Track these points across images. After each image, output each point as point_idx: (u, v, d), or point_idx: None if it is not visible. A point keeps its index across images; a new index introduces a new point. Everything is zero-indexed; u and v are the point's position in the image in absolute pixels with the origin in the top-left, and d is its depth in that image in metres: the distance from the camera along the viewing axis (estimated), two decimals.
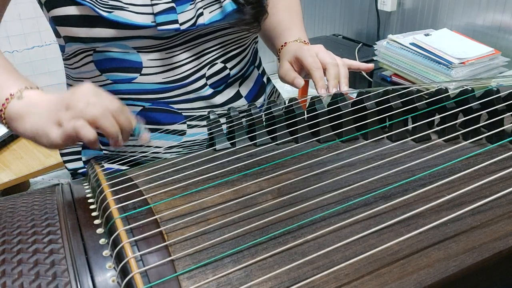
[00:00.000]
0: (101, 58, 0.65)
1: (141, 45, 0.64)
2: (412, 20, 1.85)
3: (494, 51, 1.40)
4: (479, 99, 0.55)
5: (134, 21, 0.60)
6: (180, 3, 0.62)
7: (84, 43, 0.62)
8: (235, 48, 0.72)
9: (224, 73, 0.71)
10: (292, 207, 0.42)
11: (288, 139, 0.56)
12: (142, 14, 0.60)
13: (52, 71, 2.23)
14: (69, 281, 0.36)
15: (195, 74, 0.68)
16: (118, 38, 0.62)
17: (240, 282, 0.36)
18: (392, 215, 0.42)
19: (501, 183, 0.46)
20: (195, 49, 0.67)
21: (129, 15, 0.60)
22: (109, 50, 0.64)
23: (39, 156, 1.65)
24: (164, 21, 0.61)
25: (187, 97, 0.69)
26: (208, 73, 0.69)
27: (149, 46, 0.64)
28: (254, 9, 0.65)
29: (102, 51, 0.64)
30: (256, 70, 0.80)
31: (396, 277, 0.37)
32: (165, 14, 0.61)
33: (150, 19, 0.61)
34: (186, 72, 0.67)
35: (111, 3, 0.59)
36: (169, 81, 0.67)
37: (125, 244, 0.38)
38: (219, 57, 0.70)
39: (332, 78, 0.65)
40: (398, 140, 0.53)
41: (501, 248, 0.40)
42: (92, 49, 0.64)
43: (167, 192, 0.46)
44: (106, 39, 0.62)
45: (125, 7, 0.60)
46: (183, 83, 0.68)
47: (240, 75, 0.74)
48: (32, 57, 2.19)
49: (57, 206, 0.45)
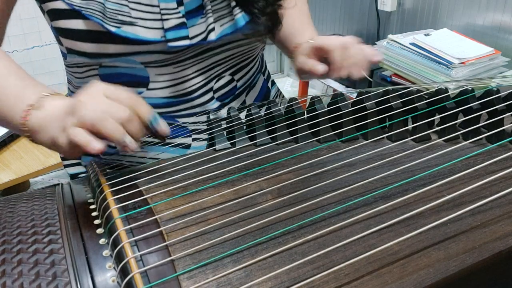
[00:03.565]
0: (106, 72, 0.63)
1: (149, 60, 0.62)
2: (412, 20, 1.85)
3: (494, 51, 1.40)
4: (479, 99, 0.55)
5: (144, 37, 0.58)
6: (191, 16, 0.60)
7: (89, 58, 0.60)
8: (243, 59, 0.70)
9: (231, 86, 0.69)
10: (292, 207, 0.42)
11: (288, 139, 0.56)
12: (151, 29, 0.58)
13: (52, 71, 2.23)
14: (69, 281, 0.36)
15: (202, 88, 0.66)
16: (126, 53, 0.59)
17: (240, 282, 0.36)
18: (392, 215, 0.42)
19: (501, 183, 0.46)
20: (204, 62, 0.65)
21: (138, 30, 0.57)
22: (116, 65, 0.62)
23: (39, 156, 1.65)
24: (175, 37, 0.59)
25: (193, 111, 0.67)
26: (216, 87, 0.67)
27: (158, 61, 0.62)
28: (269, 21, 0.63)
29: (108, 66, 0.62)
30: (262, 76, 0.78)
31: (396, 277, 0.37)
32: (176, 30, 0.59)
33: (160, 34, 0.58)
34: (194, 86, 0.65)
35: (119, 18, 0.56)
36: (176, 95, 0.65)
37: (125, 244, 0.38)
38: (227, 69, 0.68)
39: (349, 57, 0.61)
40: (398, 140, 0.53)
41: (501, 248, 0.40)
42: (97, 64, 0.62)
43: (167, 192, 0.46)
44: (114, 55, 0.59)
45: (134, 22, 0.57)
46: (190, 97, 0.66)
47: (247, 85, 0.73)
48: (32, 57, 2.19)
49: (57, 206, 0.45)
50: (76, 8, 0.55)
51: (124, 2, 0.57)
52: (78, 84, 0.68)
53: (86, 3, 0.55)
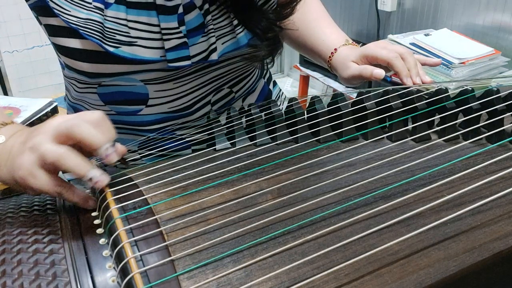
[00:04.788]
0: (106, 91, 0.62)
1: (149, 78, 0.61)
2: (412, 20, 1.85)
3: (494, 51, 1.40)
4: (479, 99, 0.55)
5: (143, 56, 0.57)
6: (192, 35, 0.58)
7: (88, 77, 0.59)
8: (243, 73, 0.69)
9: (229, 97, 0.69)
10: (292, 207, 0.42)
11: (288, 139, 0.56)
12: (151, 49, 0.57)
13: (52, 71, 2.23)
14: (69, 281, 0.36)
15: (200, 101, 0.66)
16: (125, 72, 0.59)
17: (240, 282, 0.36)
18: (392, 215, 0.42)
19: (501, 183, 0.46)
20: (203, 77, 0.64)
21: (137, 50, 0.56)
22: (115, 84, 0.61)
23: None
24: (176, 58, 0.58)
25: (191, 124, 0.67)
26: (214, 99, 0.67)
27: (157, 78, 0.61)
28: (270, 46, 0.62)
29: (107, 85, 0.61)
30: (262, 79, 0.77)
31: (396, 277, 0.37)
32: (177, 51, 0.58)
33: (160, 54, 0.57)
34: (192, 101, 0.65)
35: (118, 38, 0.55)
36: (174, 110, 0.65)
37: (125, 244, 0.38)
38: (225, 83, 0.67)
39: (413, 66, 0.63)
40: (398, 140, 0.53)
41: (501, 248, 0.40)
42: (97, 84, 0.61)
43: (167, 192, 0.46)
44: (113, 74, 0.58)
45: (133, 41, 0.56)
46: (188, 111, 0.66)
47: (245, 94, 0.72)
48: (32, 57, 2.19)
49: (57, 206, 0.45)
50: (73, 27, 0.54)
51: (123, 22, 0.55)
52: (76, 96, 0.67)
53: (85, 22, 0.54)
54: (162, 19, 0.56)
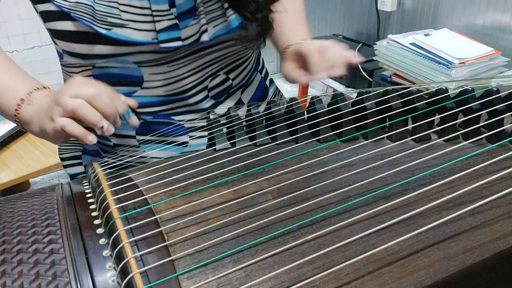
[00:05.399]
0: (100, 73, 0.63)
1: (142, 60, 0.62)
2: (412, 20, 1.86)
3: (494, 51, 1.40)
4: (479, 99, 0.55)
5: (135, 38, 0.58)
6: (183, 17, 0.60)
7: (82, 59, 0.61)
8: (238, 58, 0.70)
9: (226, 84, 0.70)
10: (292, 207, 0.42)
11: (288, 139, 0.56)
12: (143, 31, 0.58)
13: (52, 71, 2.23)
14: (69, 281, 0.36)
15: (197, 86, 0.67)
16: (117, 54, 0.60)
17: (240, 282, 0.36)
18: (392, 215, 0.42)
19: (501, 183, 0.46)
20: (198, 61, 0.65)
21: (129, 32, 0.58)
22: (109, 66, 0.62)
23: (39, 156, 1.65)
24: (167, 39, 0.59)
25: (188, 109, 0.67)
26: (210, 85, 0.68)
27: (151, 60, 0.62)
28: (260, 26, 0.63)
29: (101, 67, 0.62)
30: (259, 74, 0.78)
31: (396, 277, 0.37)
32: (168, 32, 0.59)
33: (152, 36, 0.59)
34: (188, 85, 0.66)
35: (109, 20, 0.57)
36: (171, 94, 0.66)
37: (125, 244, 0.38)
38: (221, 68, 0.68)
39: (325, 61, 0.63)
40: (398, 140, 0.53)
41: (501, 248, 0.40)
42: (91, 65, 0.62)
43: (167, 192, 0.46)
44: (105, 56, 0.60)
45: (125, 24, 0.57)
46: (184, 96, 0.66)
47: (242, 84, 0.73)
48: (32, 57, 2.19)
49: (57, 206, 0.45)
50: (65, 10, 0.56)
51: (114, 5, 0.57)
52: None
53: (75, 5, 0.56)
54: (153, 1, 0.58)
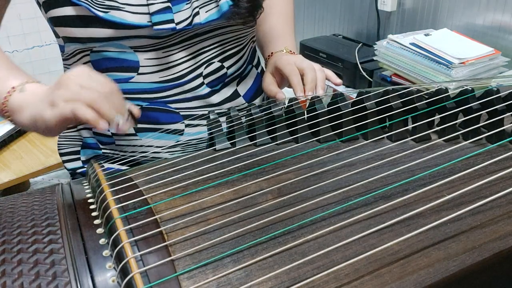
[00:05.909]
0: (98, 58, 0.65)
1: (138, 45, 0.64)
2: (412, 20, 1.85)
3: (494, 51, 1.40)
4: (479, 99, 0.55)
5: (130, 21, 0.60)
6: (176, 2, 0.62)
7: (81, 43, 0.63)
8: (232, 47, 0.72)
9: (221, 72, 0.71)
10: (292, 207, 0.42)
11: (288, 139, 0.56)
12: (138, 14, 0.61)
13: (52, 71, 2.23)
14: (69, 281, 0.36)
15: (192, 73, 0.68)
16: (114, 38, 0.62)
17: (240, 282, 0.36)
18: (392, 215, 0.42)
19: (501, 183, 0.46)
20: (192, 48, 0.67)
21: (125, 15, 0.60)
22: (106, 50, 0.64)
23: (39, 156, 1.65)
24: (160, 21, 0.61)
25: (184, 96, 0.69)
26: (205, 72, 0.69)
27: (146, 45, 0.64)
28: (249, 3, 0.65)
29: (99, 51, 0.65)
30: (255, 69, 0.80)
31: (396, 277, 0.37)
32: (161, 14, 0.61)
33: (146, 19, 0.61)
34: (183, 71, 0.68)
35: (107, 3, 0.59)
36: (166, 80, 0.67)
37: (125, 244, 0.38)
38: (216, 56, 0.70)
39: (309, 81, 0.67)
40: (398, 140, 0.53)
41: (501, 248, 0.40)
42: (89, 49, 0.65)
43: (167, 192, 0.46)
44: (103, 39, 0.62)
45: (121, 7, 0.60)
46: (180, 82, 0.68)
47: (237, 74, 0.75)
48: (32, 57, 2.19)
49: (57, 206, 0.45)
50: None
51: None
52: None
53: None
54: None
